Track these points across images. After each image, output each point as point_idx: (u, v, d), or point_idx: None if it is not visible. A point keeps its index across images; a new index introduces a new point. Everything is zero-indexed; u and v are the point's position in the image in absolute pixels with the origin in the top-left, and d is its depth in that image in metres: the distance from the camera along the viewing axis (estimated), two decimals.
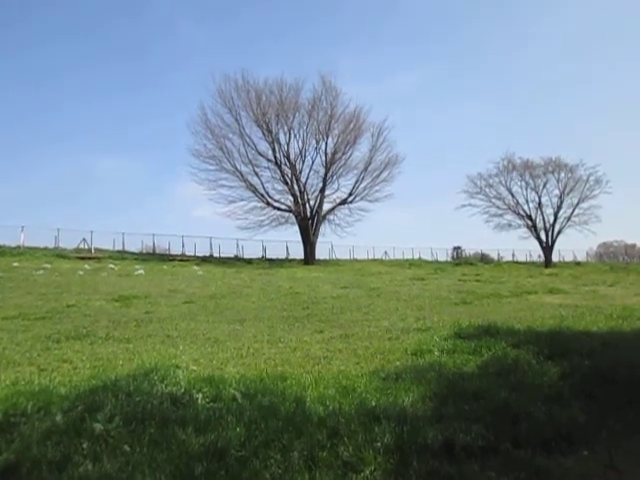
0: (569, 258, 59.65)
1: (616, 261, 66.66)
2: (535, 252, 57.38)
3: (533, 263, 53.41)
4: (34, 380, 4.79)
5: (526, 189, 54.88)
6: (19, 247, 29.76)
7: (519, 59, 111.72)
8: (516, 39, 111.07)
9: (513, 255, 57.23)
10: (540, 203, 54.72)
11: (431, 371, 4.99)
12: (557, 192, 54.58)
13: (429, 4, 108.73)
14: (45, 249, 30.77)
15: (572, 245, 63.62)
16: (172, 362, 5.56)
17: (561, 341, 6.27)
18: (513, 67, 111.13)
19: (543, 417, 3.74)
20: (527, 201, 54.91)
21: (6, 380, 4.82)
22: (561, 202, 54.44)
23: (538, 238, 54.66)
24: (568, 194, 54.14)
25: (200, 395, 4.06)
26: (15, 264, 21.99)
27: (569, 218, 54.72)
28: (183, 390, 4.15)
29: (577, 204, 54.26)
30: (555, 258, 55.72)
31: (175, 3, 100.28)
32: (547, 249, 54.19)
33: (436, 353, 5.96)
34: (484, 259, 53.27)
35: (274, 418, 3.59)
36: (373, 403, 3.96)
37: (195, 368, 5.34)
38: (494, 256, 56.39)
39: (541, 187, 54.62)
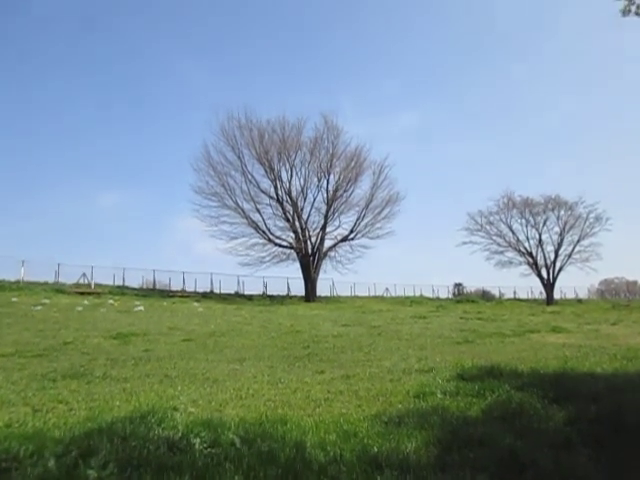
0: (571, 295, 59.42)
1: (618, 298, 66.34)
2: (537, 289, 57.24)
3: (535, 300, 53.12)
4: (28, 422, 4.68)
5: (526, 226, 55.22)
6: (19, 282, 29.67)
7: (519, 97, 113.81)
8: (516, 77, 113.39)
9: (514, 292, 57.02)
10: (541, 240, 54.92)
11: (434, 415, 4.87)
12: (557, 229, 54.90)
13: (431, 48, 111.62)
14: (45, 284, 30.65)
15: (573, 282, 63.43)
16: (170, 403, 5.45)
17: (566, 384, 6.14)
18: (512, 105, 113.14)
19: (550, 465, 3.62)
20: (528, 238, 55.19)
21: None
22: (561, 239, 54.63)
23: (539, 275, 54.57)
24: (568, 231, 54.41)
25: (198, 440, 3.94)
26: (14, 299, 21.88)
27: (570, 255, 54.81)
28: (180, 434, 4.04)
29: (577, 241, 54.50)
30: (557, 295, 55.56)
31: (175, 43, 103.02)
32: (548, 286, 54.00)
33: (439, 396, 5.83)
34: (485, 296, 53.01)
35: (273, 465, 3.49)
36: (375, 449, 3.85)
37: (193, 410, 5.23)
38: (495, 293, 56.21)
39: (541, 224, 54.94)
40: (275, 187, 41.21)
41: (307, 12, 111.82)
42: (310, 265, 39.90)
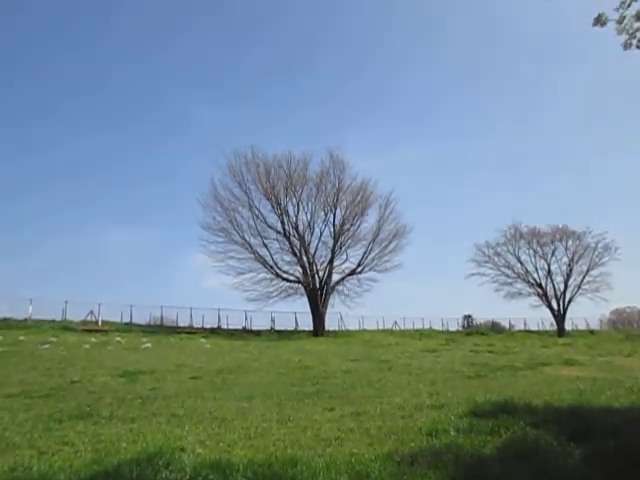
0: (582, 326, 58.45)
1: (630, 328, 65.20)
2: (547, 320, 56.32)
3: (546, 332, 52.28)
4: (33, 465, 4.60)
5: (535, 257, 54.69)
6: (26, 320, 29.67)
7: (524, 129, 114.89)
8: (522, 110, 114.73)
9: (525, 324, 56.18)
10: (549, 271, 54.31)
11: (448, 454, 4.74)
12: (566, 260, 54.34)
13: (436, 82, 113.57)
14: (52, 322, 30.60)
15: (584, 313, 62.40)
16: (177, 444, 5.35)
17: (582, 419, 5.99)
18: (517, 137, 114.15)
19: None
20: (536, 269, 54.56)
21: (4, 466, 4.62)
22: (570, 270, 54.05)
23: (549, 306, 53.81)
24: (577, 262, 53.86)
25: None
26: (21, 338, 21.83)
27: (579, 286, 54.11)
28: (188, 477, 3.95)
29: (587, 272, 53.82)
30: (568, 326, 54.64)
31: (185, 84, 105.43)
32: (559, 317, 53.23)
33: (452, 433, 5.69)
34: (495, 328, 52.25)
35: None
36: None
37: (201, 451, 5.12)
38: (505, 324, 55.36)
39: (550, 255, 54.43)
40: (282, 222, 41.34)
41: (312, 52, 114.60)
42: (318, 299, 39.64)
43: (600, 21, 5.36)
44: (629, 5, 5.19)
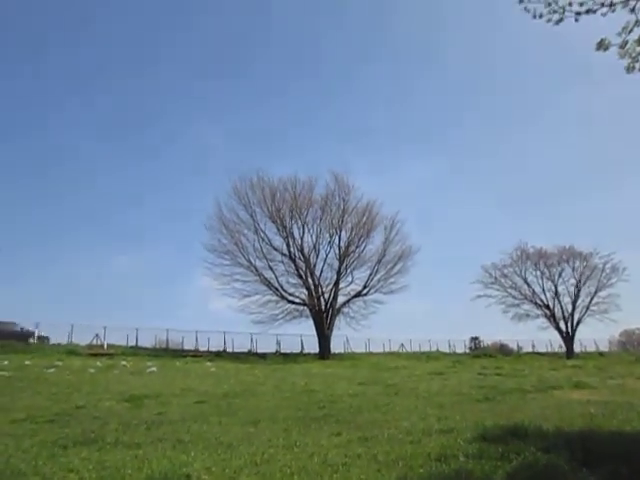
0: (591, 348, 57.84)
1: None
2: (555, 342, 55.87)
3: (555, 354, 51.75)
4: None
5: (542, 278, 54.48)
6: (32, 344, 29.66)
7: (529, 150, 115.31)
8: (528, 130, 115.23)
9: (533, 346, 55.73)
10: (557, 292, 54.02)
11: None
12: (573, 281, 54.05)
13: (442, 102, 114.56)
14: (58, 345, 30.68)
15: (593, 334, 61.78)
16: (183, 471, 5.29)
17: (594, 444, 5.87)
18: (523, 157, 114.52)
19: None
20: (544, 290, 54.32)
21: None
22: (578, 291, 53.71)
23: (558, 328, 53.35)
24: (585, 283, 53.58)
25: None
26: (27, 362, 21.78)
27: (588, 307, 53.73)
28: None
29: (595, 293, 53.52)
30: (577, 348, 54.10)
31: (189, 105, 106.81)
32: (568, 339, 52.71)
33: (461, 459, 5.59)
34: (503, 350, 51.77)
35: None
36: None
37: (207, 478, 5.06)
38: (513, 346, 54.87)
39: (557, 276, 54.21)
40: (287, 244, 41.53)
41: (316, 74, 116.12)
42: (324, 322, 39.48)
43: (603, 45, 5.42)
44: (631, 31, 5.25)
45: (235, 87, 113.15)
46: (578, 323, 53.50)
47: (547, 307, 53.75)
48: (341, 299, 41.88)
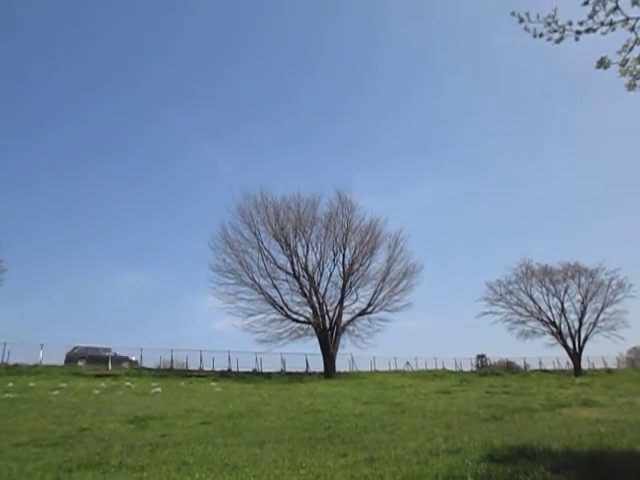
0: (599, 365, 57.24)
1: None
2: (563, 359, 55.26)
3: (562, 371, 51.22)
4: None
5: (547, 295, 54.04)
6: (37, 366, 29.61)
7: (533, 167, 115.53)
8: (532, 145, 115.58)
9: (540, 363, 55.16)
10: (563, 309, 53.55)
11: None
12: (579, 297, 53.62)
13: (447, 119, 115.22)
14: (63, 367, 30.53)
15: (601, 351, 61.09)
16: None
17: (604, 464, 5.79)
18: (526, 174, 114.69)
19: None
20: (550, 307, 53.83)
21: None
22: (584, 307, 53.24)
23: (565, 345, 52.80)
24: (591, 299, 53.11)
25: None
26: (31, 384, 21.71)
27: (594, 324, 53.20)
28: None
29: (601, 309, 53.01)
30: (584, 365, 53.51)
31: (194, 125, 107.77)
32: (575, 356, 52.15)
33: None
34: (510, 368, 51.29)
35: None
36: None
37: None
38: (520, 364, 54.36)
39: (562, 293, 53.77)
40: (291, 262, 41.45)
41: (318, 92, 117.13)
42: (328, 340, 39.24)
43: (603, 64, 5.47)
44: (631, 49, 5.30)
45: (235, 105, 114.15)
46: (585, 340, 52.97)
47: (553, 324, 53.26)
48: (346, 317, 41.68)
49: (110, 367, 32.34)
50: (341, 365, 41.77)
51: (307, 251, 41.93)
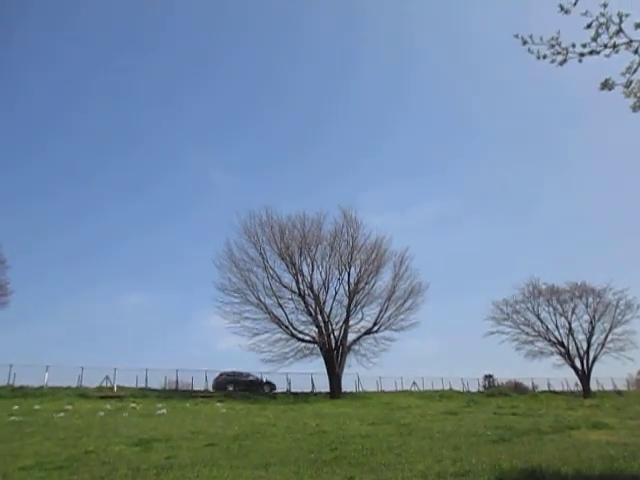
0: (608, 386, 56.45)
1: None
2: (571, 380, 54.57)
3: (571, 393, 50.59)
4: None
5: (555, 315, 53.59)
6: (42, 388, 29.54)
7: (539, 185, 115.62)
8: (538, 163, 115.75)
9: (548, 384, 54.49)
10: (571, 329, 53.03)
11: None
12: (587, 317, 53.12)
13: (453, 136, 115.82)
14: (68, 388, 30.44)
15: (610, 372, 60.32)
16: None
17: None
18: (531, 193, 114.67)
19: None
20: (557, 327, 53.34)
21: None
22: (592, 328, 52.74)
23: (573, 366, 52.19)
24: (599, 319, 52.63)
25: None
26: (36, 407, 21.66)
27: (603, 344, 52.65)
28: None
29: (610, 330, 52.49)
30: (593, 386, 52.79)
31: (198, 146, 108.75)
32: (584, 377, 51.50)
33: None
34: (518, 389, 50.65)
35: None
36: None
37: None
38: (528, 384, 53.70)
39: (570, 312, 53.31)
40: (297, 281, 41.39)
41: (321, 109, 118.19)
42: (334, 360, 38.99)
43: (607, 85, 5.53)
44: (635, 71, 5.36)
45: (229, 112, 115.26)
46: (594, 361, 52.34)
47: (561, 344, 52.69)
48: (351, 336, 41.42)
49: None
50: (347, 385, 41.51)
51: (312, 270, 41.93)
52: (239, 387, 38.10)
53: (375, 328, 42.02)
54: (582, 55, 5.38)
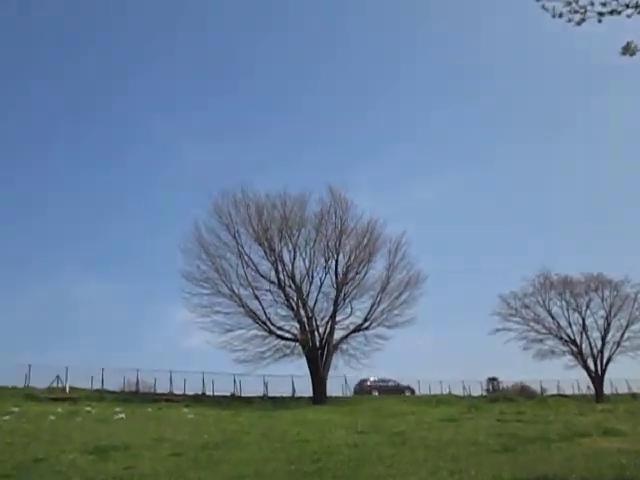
0: (623, 389, 57.50)
1: None
2: (583, 383, 55.46)
3: (583, 396, 51.50)
4: None
5: (567, 310, 54.00)
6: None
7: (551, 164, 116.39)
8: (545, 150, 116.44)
9: (558, 387, 55.40)
10: (584, 326, 53.57)
11: None
12: (603, 313, 53.76)
13: (460, 116, 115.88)
14: (14, 389, 30.40)
15: (625, 373, 61.37)
16: None
17: None
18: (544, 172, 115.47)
19: None
20: (570, 324, 53.80)
21: None
22: (608, 324, 53.40)
23: (586, 367, 52.91)
24: (615, 315, 53.26)
25: None
26: None
27: (619, 343, 53.39)
28: None
29: (626, 326, 53.19)
30: (607, 390, 53.73)
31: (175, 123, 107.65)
32: (597, 380, 52.31)
33: None
34: (525, 393, 51.40)
35: None
36: None
37: None
38: (536, 388, 54.49)
39: (584, 307, 53.82)
40: (276, 270, 40.96)
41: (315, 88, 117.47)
42: (318, 360, 38.77)
43: (629, 50, 5.59)
44: None
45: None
46: (608, 361, 53.08)
47: (574, 343, 53.25)
48: (339, 334, 41.17)
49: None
50: (333, 389, 41.72)
51: (294, 257, 41.60)
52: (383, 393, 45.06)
53: (366, 324, 41.69)
54: (601, 15, 5.44)
